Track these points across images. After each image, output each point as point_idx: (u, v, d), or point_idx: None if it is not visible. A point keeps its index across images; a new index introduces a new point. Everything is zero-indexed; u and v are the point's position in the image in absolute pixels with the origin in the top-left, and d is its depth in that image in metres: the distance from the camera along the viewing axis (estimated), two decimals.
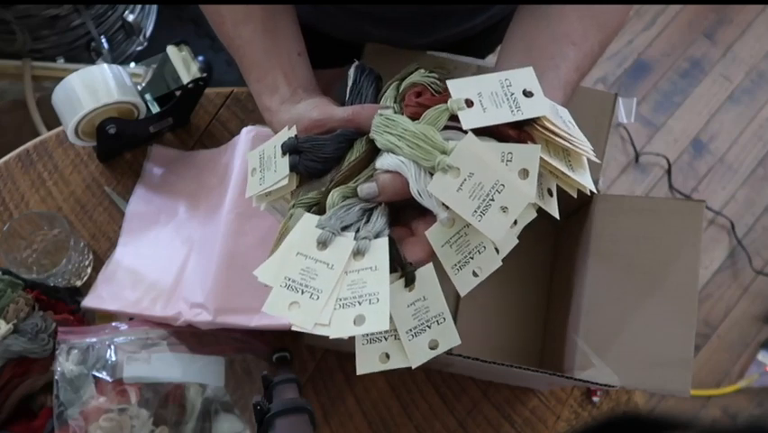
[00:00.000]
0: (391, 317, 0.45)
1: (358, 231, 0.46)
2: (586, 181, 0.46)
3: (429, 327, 0.46)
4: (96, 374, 0.66)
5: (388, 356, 0.45)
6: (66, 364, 0.66)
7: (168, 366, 0.68)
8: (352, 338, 0.44)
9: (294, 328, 0.42)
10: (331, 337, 0.41)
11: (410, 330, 0.46)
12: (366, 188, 0.47)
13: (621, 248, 0.65)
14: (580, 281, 0.66)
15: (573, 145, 0.45)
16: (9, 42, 1.39)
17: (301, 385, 0.65)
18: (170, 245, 0.77)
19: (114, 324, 0.70)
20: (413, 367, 0.45)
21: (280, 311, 0.43)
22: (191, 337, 0.70)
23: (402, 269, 0.47)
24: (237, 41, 0.57)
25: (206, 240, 0.73)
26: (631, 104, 0.73)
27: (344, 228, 0.46)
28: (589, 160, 0.47)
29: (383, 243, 0.45)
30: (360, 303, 0.42)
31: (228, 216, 0.71)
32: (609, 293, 0.64)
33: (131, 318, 0.72)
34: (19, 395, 0.68)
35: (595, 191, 0.47)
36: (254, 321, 0.67)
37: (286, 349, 0.73)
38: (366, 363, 0.45)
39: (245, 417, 0.69)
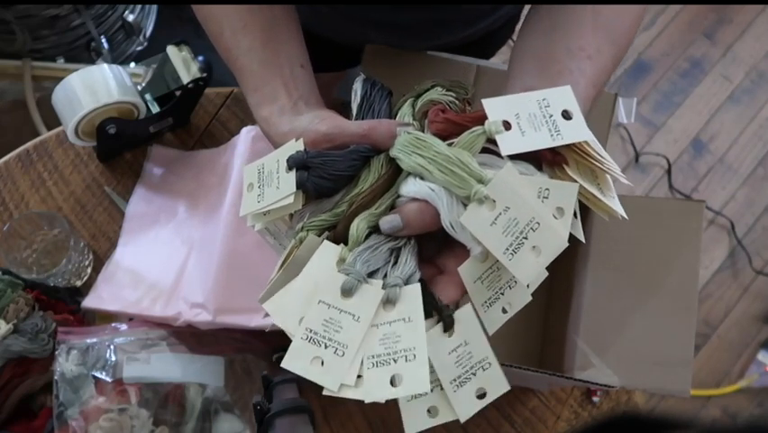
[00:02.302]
0: (432, 367, 0.41)
1: (386, 276, 0.42)
2: (616, 206, 0.44)
3: (474, 375, 0.41)
4: (96, 374, 0.66)
5: (435, 410, 0.41)
6: (66, 365, 0.66)
7: (167, 366, 0.68)
8: None
9: (325, 393, 0.39)
10: (366, 402, 0.38)
11: (454, 380, 0.41)
12: (389, 222, 0.43)
13: (621, 248, 0.65)
14: (580, 281, 0.66)
15: (605, 168, 0.43)
16: (9, 42, 1.39)
17: (301, 385, 0.65)
18: (170, 245, 0.77)
19: (113, 324, 0.70)
20: (461, 421, 0.41)
21: (302, 369, 0.39)
22: (191, 337, 0.70)
23: (439, 313, 0.42)
24: (235, 51, 0.54)
25: (206, 240, 0.73)
26: (631, 104, 0.73)
27: (371, 273, 0.42)
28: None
29: (415, 290, 0.41)
30: (395, 360, 0.38)
31: (228, 215, 0.71)
32: (609, 293, 0.64)
33: (130, 319, 0.72)
34: (19, 395, 0.68)
35: (626, 217, 0.44)
36: (254, 321, 0.67)
37: (286, 349, 0.72)
38: (413, 422, 0.40)
39: (245, 417, 0.69)
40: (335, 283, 0.41)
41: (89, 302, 0.73)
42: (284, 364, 0.40)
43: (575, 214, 0.44)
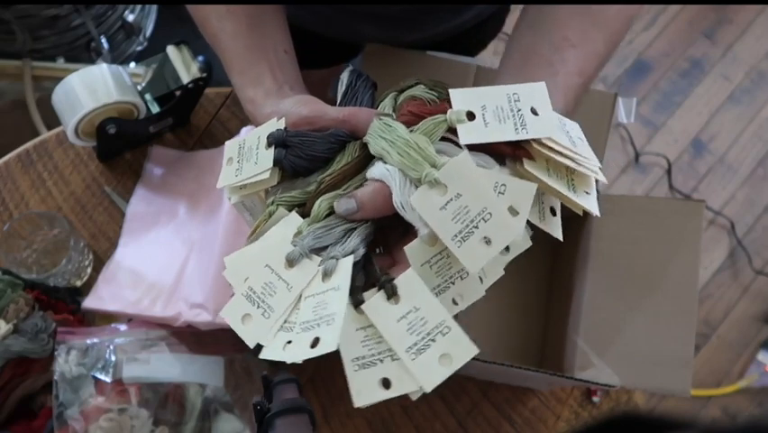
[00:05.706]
0: (381, 337, 0.41)
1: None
2: (590, 204, 0.44)
3: (434, 341, 0.39)
4: (96, 375, 0.66)
5: (388, 382, 0.40)
6: (65, 365, 0.65)
7: (167, 366, 0.68)
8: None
9: (268, 358, 0.41)
10: (288, 362, 0.39)
11: (410, 348, 0.40)
12: (343, 204, 0.44)
13: (621, 248, 0.65)
14: (580, 281, 0.66)
15: (578, 164, 0.43)
16: (9, 42, 1.39)
17: (301, 385, 0.65)
18: (170, 246, 0.77)
19: (113, 325, 0.70)
20: (427, 391, 0.39)
21: (233, 321, 0.42)
22: (190, 337, 0.70)
23: (377, 281, 0.42)
24: (221, 35, 0.55)
25: (206, 240, 0.73)
26: (631, 104, 0.73)
27: (319, 249, 0.43)
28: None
29: (347, 261, 0.42)
30: (318, 325, 0.39)
31: (228, 215, 0.71)
32: (609, 293, 0.64)
33: (130, 319, 0.72)
34: (19, 395, 0.68)
35: (599, 215, 0.44)
36: None
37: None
38: (363, 394, 0.39)
39: (245, 417, 0.69)
40: (283, 252, 0.43)
41: (89, 302, 0.73)
42: (222, 313, 0.43)
43: (553, 212, 0.45)
